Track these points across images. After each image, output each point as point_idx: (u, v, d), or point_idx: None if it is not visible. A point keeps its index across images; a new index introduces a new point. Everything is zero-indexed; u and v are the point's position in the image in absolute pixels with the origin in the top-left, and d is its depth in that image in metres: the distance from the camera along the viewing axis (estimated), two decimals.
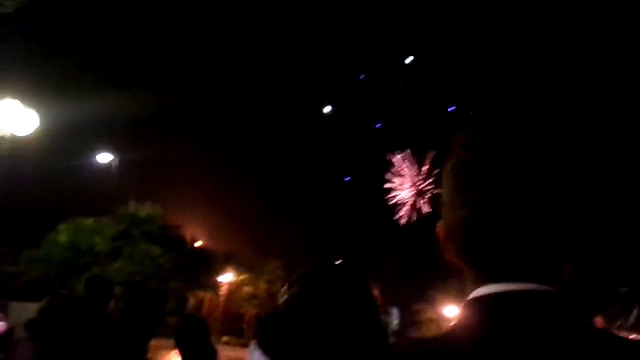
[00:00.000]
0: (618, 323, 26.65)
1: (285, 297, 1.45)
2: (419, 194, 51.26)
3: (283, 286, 1.48)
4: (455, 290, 26.89)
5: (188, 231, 20.98)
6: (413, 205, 51.03)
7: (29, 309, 13.75)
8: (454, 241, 0.93)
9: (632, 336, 21.45)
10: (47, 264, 16.37)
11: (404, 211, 50.87)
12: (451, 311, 27.19)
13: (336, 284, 1.45)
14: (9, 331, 11.77)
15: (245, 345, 21.05)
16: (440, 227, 0.97)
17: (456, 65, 48.99)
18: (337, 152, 46.99)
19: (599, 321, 11.50)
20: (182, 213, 23.18)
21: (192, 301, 10.36)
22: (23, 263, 17.00)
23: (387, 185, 50.62)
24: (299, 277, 1.47)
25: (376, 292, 1.54)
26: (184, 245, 19.58)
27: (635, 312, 28.63)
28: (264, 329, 1.53)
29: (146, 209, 18.45)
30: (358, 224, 45.43)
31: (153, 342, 5.24)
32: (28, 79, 15.08)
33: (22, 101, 9.80)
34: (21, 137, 9.88)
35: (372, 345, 1.40)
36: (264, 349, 1.49)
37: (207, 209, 27.72)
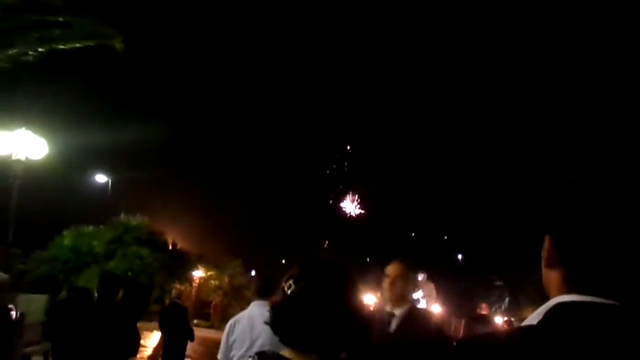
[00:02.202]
0: (495, 307, 27.63)
1: (292, 288, 1.39)
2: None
3: (288, 280, 1.42)
4: (374, 282, 27.26)
5: (169, 237, 21.08)
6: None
7: (33, 300, 13.12)
8: (555, 252, 0.89)
9: (505, 318, 22.05)
10: (53, 263, 15.90)
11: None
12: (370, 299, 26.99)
13: (333, 275, 1.41)
14: (20, 318, 11.08)
15: (211, 327, 21.53)
16: (548, 240, 0.92)
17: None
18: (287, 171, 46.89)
19: (484, 307, 11.72)
20: (165, 222, 23.32)
21: (174, 292, 10.08)
22: (32, 262, 16.31)
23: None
24: (302, 272, 1.42)
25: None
26: (166, 248, 19.63)
27: (507, 299, 29.78)
28: (277, 314, 1.39)
29: (136, 219, 18.22)
30: (301, 228, 45.57)
31: (138, 324, 5.07)
32: (39, 113, 14.48)
33: (34, 131, 9.55)
34: (33, 160, 9.57)
35: (359, 322, 1.38)
36: (276, 331, 1.36)
37: (184, 219, 27.92)
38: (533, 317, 0.87)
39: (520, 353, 0.78)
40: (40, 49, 9.28)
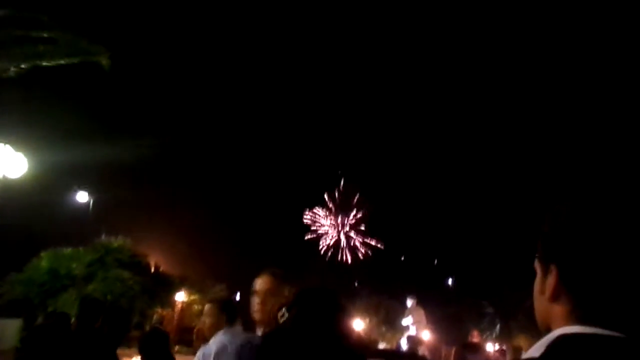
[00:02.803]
0: (486, 334, 27.55)
1: (285, 316, 1.47)
2: (345, 236, 51.12)
3: (281, 309, 1.52)
4: (362, 307, 27.08)
5: (152, 259, 20.76)
6: (336, 245, 51.04)
7: (7, 325, 12.84)
8: (561, 283, 0.89)
9: (497, 346, 21.94)
10: (29, 285, 15.58)
11: (326, 245, 50.83)
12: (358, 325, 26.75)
13: (325, 304, 1.42)
14: None
15: (193, 353, 21.04)
16: (553, 271, 0.91)
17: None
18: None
19: (475, 334, 11.69)
20: (147, 244, 23.05)
21: (155, 317, 9.95)
22: (6, 285, 15.98)
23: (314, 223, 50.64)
24: (295, 301, 1.44)
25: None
26: (149, 271, 19.32)
27: (498, 326, 29.74)
28: (269, 343, 1.39)
29: (118, 241, 17.96)
30: (287, 253, 45.33)
31: (118, 351, 5.02)
32: (18, 129, 14.36)
33: (13, 147, 9.40)
34: (11, 178, 9.41)
35: (351, 350, 1.38)
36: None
37: (167, 242, 27.73)
38: (534, 350, 0.86)
39: None
40: (23, 65, 9.24)
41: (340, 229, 50.53)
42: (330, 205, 50.61)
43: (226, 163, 44.21)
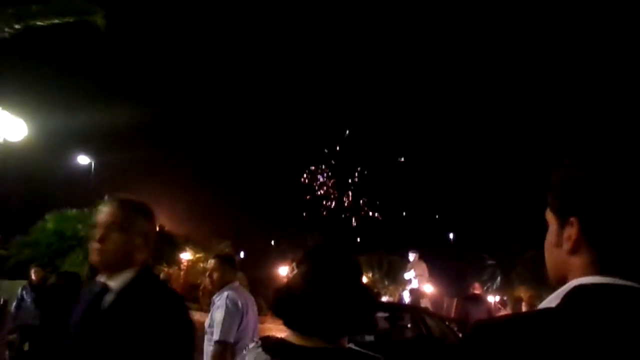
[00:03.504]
0: (487, 286, 27.99)
1: (295, 272, 1.40)
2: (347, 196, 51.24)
3: (292, 265, 1.42)
4: (363, 262, 27.36)
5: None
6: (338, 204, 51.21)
7: (16, 286, 13.06)
8: (583, 235, 0.87)
9: (498, 297, 22.30)
10: (36, 247, 15.75)
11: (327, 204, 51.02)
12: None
13: (337, 259, 1.41)
14: (3, 304, 11.09)
15: (200, 309, 21.52)
16: (575, 223, 0.89)
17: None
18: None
19: (476, 286, 11.87)
20: (150, 204, 23.07)
21: (162, 275, 10.11)
22: (13, 247, 16.17)
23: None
24: (305, 257, 1.42)
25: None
26: None
27: (499, 278, 30.16)
28: (280, 297, 1.41)
29: None
30: (289, 211, 45.60)
31: None
32: (17, 92, 14.23)
33: (12, 112, 9.29)
34: (12, 142, 9.35)
35: (364, 300, 1.38)
36: (280, 316, 1.38)
37: (170, 201, 27.82)
38: (550, 300, 0.86)
39: (542, 337, 0.76)
40: (16, 26, 9.07)
41: (341, 188, 50.70)
42: (333, 162, 50.59)
43: (227, 122, 43.98)
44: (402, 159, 47.98)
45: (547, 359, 0.74)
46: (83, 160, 25.33)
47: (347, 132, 49.82)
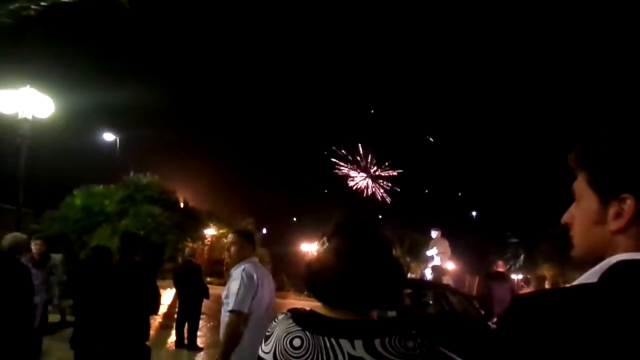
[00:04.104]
0: (510, 264, 27.80)
1: (326, 246, 1.40)
2: (373, 179, 51.25)
3: (322, 239, 1.43)
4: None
5: (180, 195, 21.16)
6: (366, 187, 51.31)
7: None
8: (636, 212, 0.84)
9: (521, 276, 22.11)
10: (65, 222, 16.12)
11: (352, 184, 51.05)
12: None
13: (368, 233, 1.42)
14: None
15: (224, 284, 21.77)
16: (631, 201, 0.85)
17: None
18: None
19: (500, 264, 11.79)
20: (175, 181, 23.43)
21: (187, 250, 10.27)
22: (44, 222, 16.58)
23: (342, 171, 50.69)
24: (336, 231, 1.42)
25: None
26: (178, 206, 19.76)
27: (522, 256, 29.92)
28: (310, 270, 1.43)
29: (146, 178, 18.26)
30: (312, 189, 45.69)
31: None
32: (44, 70, 14.41)
33: (39, 89, 9.44)
34: (40, 119, 9.51)
35: (395, 275, 1.40)
36: (311, 289, 1.40)
37: (194, 177, 28.17)
38: (590, 275, 0.84)
39: (584, 311, 0.75)
40: (42, 3, 9.13)
41: (367, 169, 50.64)
42: (359, 147, 50.54)
43: (252, 100, 44.00)
44: (430, 139, 47.57)
45: (589, 333, 0.72)
46: (109, 137, 25.70)
47: (372, 111, 49.51)
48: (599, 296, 0.76)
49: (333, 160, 50.34)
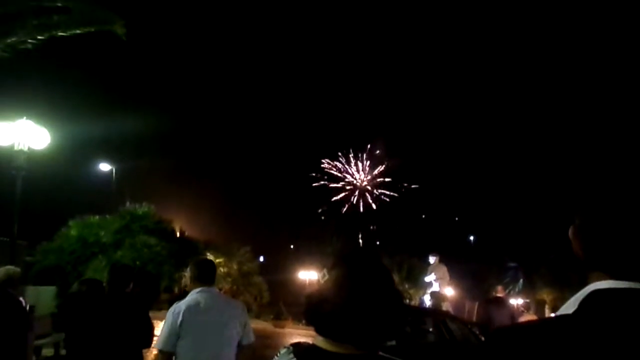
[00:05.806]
0: (509, 289, 27.62)
1: (327, 277, 1.39)
2: (363, 190, 51.45)
3: (323, 270, 1.42)
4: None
5: (176, 224, 21.05)
6: (359, 199, 51.40)
7: (41, 292, 13.23)
8: (591, 246, 0.91)
9: (521, 300, 22.03)
10: (60, 253, 16.01)
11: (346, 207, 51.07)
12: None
13: (370, 264, 1.39)
14: (30, 310, 11.25)
15: None
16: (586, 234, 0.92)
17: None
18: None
19: (499, 289, 11.70)
20: (171, 210, 23.39)
21: (183, 281, 10.18)
22: (39, 253, 16.46)
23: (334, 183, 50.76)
24: (337, 262, 1.40)
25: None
26: (174, 236, 19.63)
27: (521, 281, 29.75)
28: (311, 303, 1.40)
29: (142, 208, 18.25)
30: (308, 216, 45.61)
31: (150, 314, 5.15)
32: (40, 102, 14.50)
33: (35, 121, 9.46)
34: (36, 150, 9.52)
35: (398, 306, 1.38)
36: (312, 322, 1.37)
37: (191, 207, 28.08)
38: (569, 306, 0.87)
39: (559, 343, 0.78)
40: (39, 37, 9.23)
41: (362, 184, 50.75)
42: (355, 162, 50.74)
43: (246, 130, 44.28)
44: (422, 161, 47.77)
45: None
46: (104, 167, 25.70)
47: (371, 143, 49.92)
48: (573, 329, 0.79)
49: (329, 186, 50.41)
